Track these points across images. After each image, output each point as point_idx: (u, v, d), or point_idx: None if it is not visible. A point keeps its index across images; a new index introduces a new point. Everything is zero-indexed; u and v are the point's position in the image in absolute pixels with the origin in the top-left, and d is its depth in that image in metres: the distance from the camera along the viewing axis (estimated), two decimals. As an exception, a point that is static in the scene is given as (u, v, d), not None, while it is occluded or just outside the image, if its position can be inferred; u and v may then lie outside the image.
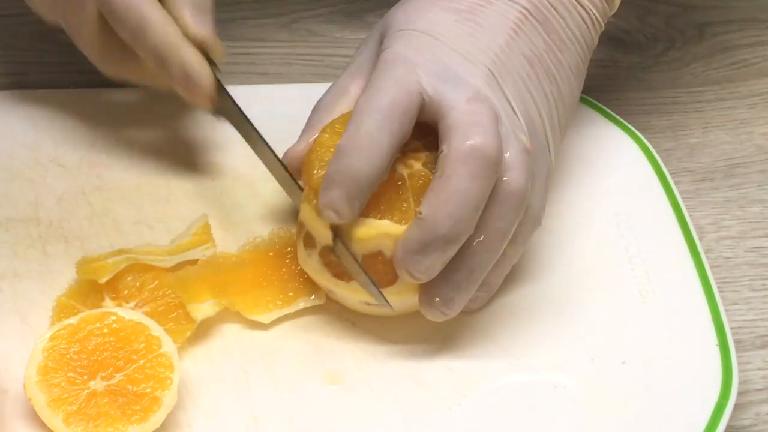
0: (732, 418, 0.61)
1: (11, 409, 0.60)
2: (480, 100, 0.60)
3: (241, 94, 0.70)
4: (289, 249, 0.66)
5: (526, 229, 0.63)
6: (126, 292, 0.64)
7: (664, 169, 0.72)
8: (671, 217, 0.70)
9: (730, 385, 0.62)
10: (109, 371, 0.59)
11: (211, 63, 0.68)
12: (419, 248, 0.59)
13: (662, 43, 0.86)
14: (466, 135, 0.59)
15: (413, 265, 0.60)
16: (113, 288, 0.64)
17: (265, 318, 0.64)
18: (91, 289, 0.64)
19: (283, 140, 0.70)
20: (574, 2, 0.67)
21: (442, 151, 0.60)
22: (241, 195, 0.71)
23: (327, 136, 0.63)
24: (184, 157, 0.72)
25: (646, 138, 0.75)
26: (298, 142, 0.66)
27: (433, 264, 0.60)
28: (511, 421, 0.61)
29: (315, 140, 0.64)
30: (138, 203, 0.70)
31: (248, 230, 0.68)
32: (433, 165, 0.61)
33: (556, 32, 0.66)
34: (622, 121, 0.75)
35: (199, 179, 0.71)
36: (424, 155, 0.62)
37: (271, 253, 0.66)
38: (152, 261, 0.65)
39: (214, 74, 0.67)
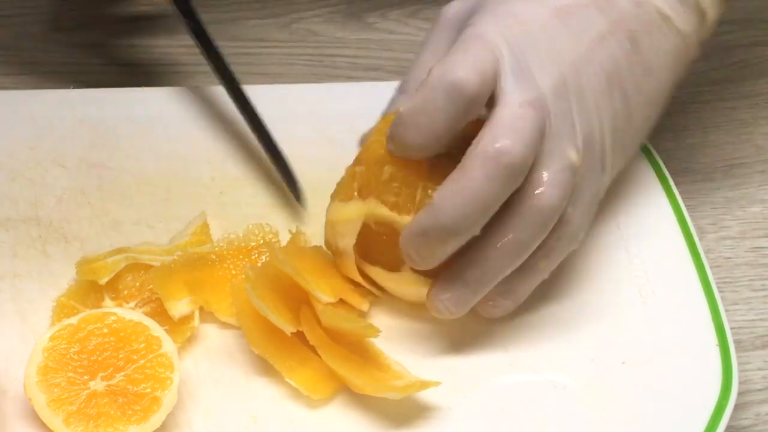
0: (732, 418, 0.61)
1: (11, 409, 0.60)
2: (534, 107, 0.59)
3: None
4: (263, 244, 0.66)
5: (562, 244, 0.62)
6: (126, 292, 0.64)
7: (664, 169, 0.72)
8: (671, 217, 0.70)
9: (730, 385, 0.62)
10: (109, 371, 0.59)
11: None
12: (421, 232, 0.59)
13: (662, 43, 0.86)
14: (499, 136, 0.58)
15: (413, 248, 0.60)
16: (113, 288, 0.64)
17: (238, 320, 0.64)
18: (91, 289, 0.64)
19: (283, 140, 0.71)
20: (667, 26, 0.65)
21: (473, 144, 0.59)
22: (241, 195, 0.71)
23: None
24: (184, 157, 0.72)
25: (646, 138, 0.75)
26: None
27: (432, 253, 0.59)
28: (511, 421, 0.61)
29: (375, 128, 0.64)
30: (138, 203, 0.69)
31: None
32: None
33: (642, 53, 0.64)
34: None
35: (199, 179, 0.71)
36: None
37: (245, 250, 0.66)
38: (151, 260, 0.65)
39: None
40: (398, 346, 0.63)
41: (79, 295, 0.64)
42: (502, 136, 0.58)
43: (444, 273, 0.61)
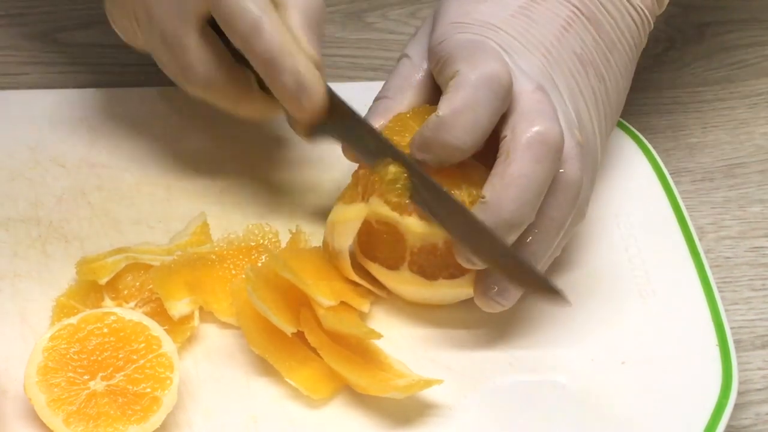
0: (732, 418, 0.61)
1: (11, 409, 0.60)
2: (543, 91, 0.61)
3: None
4: (263, 245, 0.66)
5: (573, 221, 0.63)
6: (126, 292, 0.64)
7: (664, 169, 0.72)
8: (671, 217, 0.70)
9: (730, 385, 0.62)
10: (109, 371, 0.59)
11: None
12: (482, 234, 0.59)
13: (662, 43, 0.86)
14: (533, 121, 0.59)
15: (473, 251, 0.59)
16: (113, 288, 0.64)
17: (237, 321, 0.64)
18: (91, 289, 0.64)
19: (284, 140, 0.70)
20: (625, 2, 0.67)
21: (505, 136, 0.60)
22: (241, 195, 0.71)
23: (395, 128, 0.64)
24: (184, 157, 0.72)
25: (646, 138, 0.75)
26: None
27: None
28: (511, 421, 0.61)
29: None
30: (138, 203, 0.69)
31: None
32: None
33: (606, 32, 0.66)
34: (622, 121, 0.75)
35: (199, 179, 0.71)
36: None
37: (245, 250, 0.66)
38: (151, 260, 0.65)
39: (328, 86, 0.64)
40: (398, 346, 0.63)
41: (79, 295, 0.64)
42: (537, 121, 0.59)
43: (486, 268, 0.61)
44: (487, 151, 0.61)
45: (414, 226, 0.61)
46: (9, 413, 0.59)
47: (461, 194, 0.61)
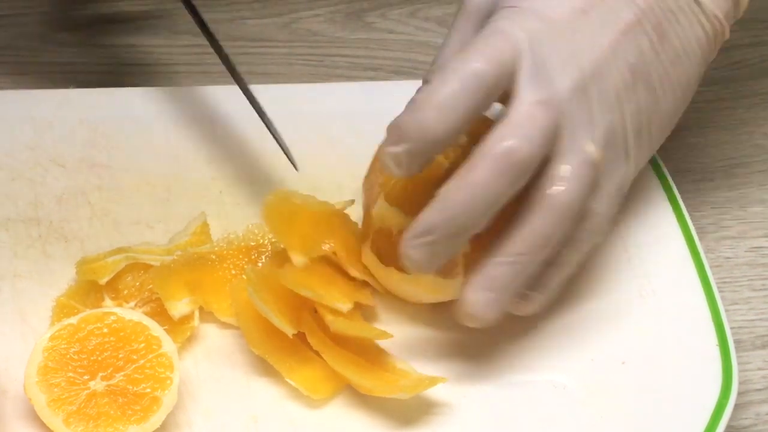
0: (732, 418, 0.61)
1: (11, 409, 0.60)
2: (548, 107, 0.59)
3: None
4: (262, 244, 0.66)
5: (588, 236, 0.62)
6: (126, 292, 0.64)
7: (664, 170, 0.72)
8: (671, 218, 0.70)
9: (730, 385, 0.62)
10: (109, 371, 0.59)
11: None
12: (426, 230, 0.58)
13: (662, 43, 0.86)
14: (506, 133, 0.58)
15: (414, 248, 0.59)
16: (113, 288, 0.64)
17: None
18: (91, 289, 0.64)
19: (284, 140, 0.70)
20: (698, 12, 0.64)
21: (481, 142, 0.59)
22: (241, 195, 0.71)
23: None
24: (184, 157, 0.72)
25: (646, 138, 0.75)
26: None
27: (434, 252, 0.59)
28: (511, 421, 0.61)
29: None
30: (138, 203, 0.69)
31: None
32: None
33: (670, 42, 0.64)
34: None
35: (200, 179, 0.71)
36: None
37: (245, 250, 0.66)
38: (151, 260, 0.65)
39: None
40: (398, 347, 0.63)
41: (79, 295, 0.64)
42: (510, 135, 0.58)
43: (470, 279, 0.60)
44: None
45: (377, 206, 0.62)
46: (9, 413, 0.59)
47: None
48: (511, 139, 0.58)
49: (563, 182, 0.60)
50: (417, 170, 0.60)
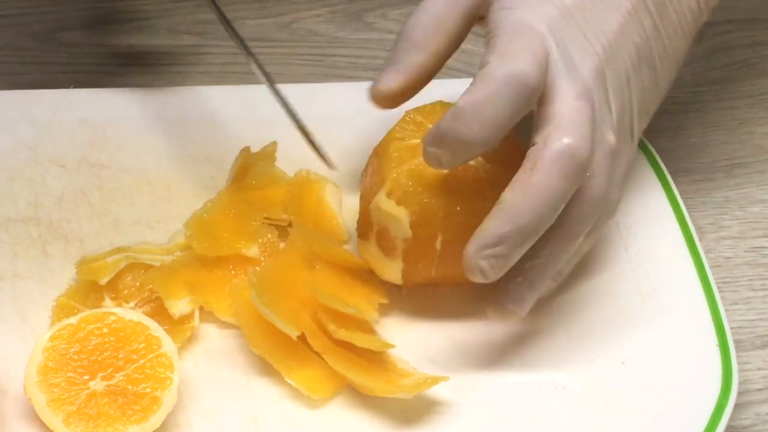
0: (732, 418, 0.61)
1: (11, 409, 0.60)
2: (586, 98, 0.59)
3: (241, 94, 0.70)
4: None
5: (602, 220, 0.62)
6: (126, 292, 0.64)
7: (664, 169, 0.72)
8: (671, 217, 0.70)
9: (730, 385, 0.62)
10: (109, 371, 0.59)
11: None
12: (495, 239, 0.58)
13: (662, 43, 0.86)
14: (565, 132, 0.58)
15: (485, 259, 0.58)
16: (113, 288, 0.64)
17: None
18: (91, 289, 0.64)
19: (284, 140, 0.70)
20: None
21: (535, 143, 0.59)
22: (241, 195, 0.71)
23: (408, 128, 0.63)
24: (184, 158, 0.72)
25: (646, 138, 0.75)
26: (386, 74, 0.62)
27: (506, 259, 0.58)
28: (511, 421, 0.61)
29: (390, 132, 0.64)
30: (138, 203, 0.69)
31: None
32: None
33: (668, 17, 0.64)
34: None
35: (199, 179, 0.71)
36: None
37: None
38: (151, 260, 0.65)
39: None
40: (398, 346, 0.63)
41: (79, 295, 0.64)
42: (570, 133, 0.58)
43: (510, 277, 0.60)
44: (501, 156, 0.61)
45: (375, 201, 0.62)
46: (9, 413, 0.59)
47: (458, 207, 0.61)
48: (569, 137, 0.58)
49: (594, 177, 0.60)
50: (458, 166, 0.60)
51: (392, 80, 0.62)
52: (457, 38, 0.63)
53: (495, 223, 0.58)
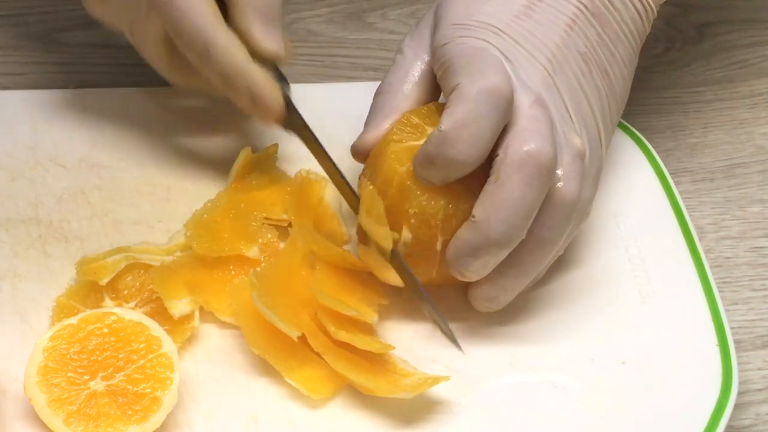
0: (732, 418, 0.61)
1: (11, 409, 0.60)
2: (541, 105, 0.61)
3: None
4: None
5: (578, 222, 0.63)
6: (126, 292, 0.64)
7: (664, 169, 0.72)
8: (671, 217, 0.70)
9: (730, 385, 0.62)
10: (109, 371, 0.59)
11: (281, 78, 0.67)
12: (471, 251, 0.60)
13: (662, 43, 0.86)
14: (524, 140, 0.59)
15: (464, 267, 0.61)
16: (113, 288, 0.64)
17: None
18: (91, 289, 0.64)
19: (283, 140, 0.70)
20: None
21: (497, 155, 0.60)
22: (241, 195, 0.71)
23: (406, 129, 0.63)
24: (184, 157, 0.72)
25: (646, 138, 0.75)
26: (366, 130, 0.65)
27: (485, 266, 0.61)
28: (511, 421, 0.61)
29: (387, 134, 0.64)
30: (138, 203, 0.70)
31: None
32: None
33: (610, 26, 0.66)
34: (622, 121, 0.75)
35: (199, 179, 0.71)
36: None
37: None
38: (151, 260, 0.65)
39: (284, 91, 0.66)
40: (398, 346, 0.63)
41: (79, 295, 0.64)
42: (529, 140, 0.59)
43: (490, 279, 0.62)
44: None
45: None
46: (9, 413, 0.59)
47: (456, 209, 0.61)
48: (528, 144, 0.59)
49: (565, 181, 0.61)
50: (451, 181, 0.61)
51: (371, 132, 0.65)
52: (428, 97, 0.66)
53: (468, 237, 0.60)
